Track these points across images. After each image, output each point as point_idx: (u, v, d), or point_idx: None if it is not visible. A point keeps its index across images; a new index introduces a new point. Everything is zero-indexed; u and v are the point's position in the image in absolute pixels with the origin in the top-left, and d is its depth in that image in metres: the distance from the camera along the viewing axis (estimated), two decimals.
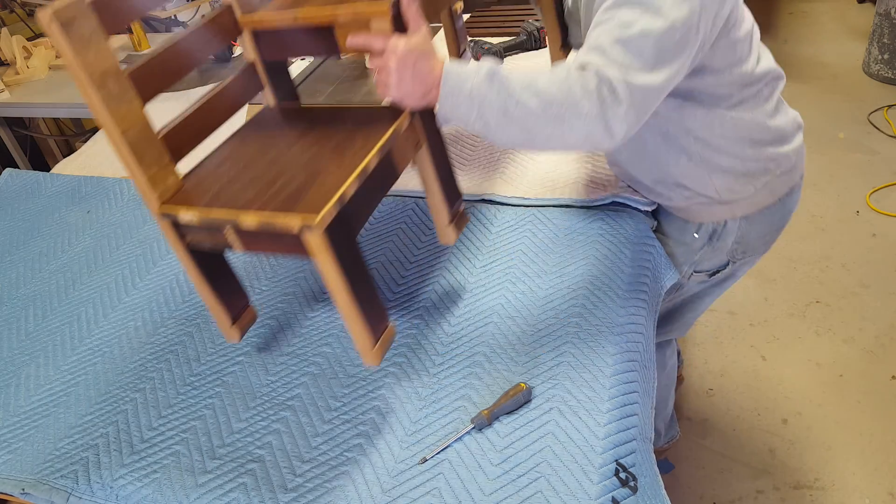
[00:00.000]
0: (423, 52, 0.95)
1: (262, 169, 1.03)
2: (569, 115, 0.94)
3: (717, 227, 1.30)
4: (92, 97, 0.88)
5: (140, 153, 0.94)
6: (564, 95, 0.94)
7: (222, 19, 1.10)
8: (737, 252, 1.34)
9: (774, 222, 1.32)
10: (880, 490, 1.67)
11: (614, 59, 0.96)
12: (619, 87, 0.95)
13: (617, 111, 0.95)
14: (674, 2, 0.97)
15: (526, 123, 0.94)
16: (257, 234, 0.96)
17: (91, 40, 0.87)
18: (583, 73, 0.96)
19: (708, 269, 1.38)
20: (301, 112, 1.19)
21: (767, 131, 1.23)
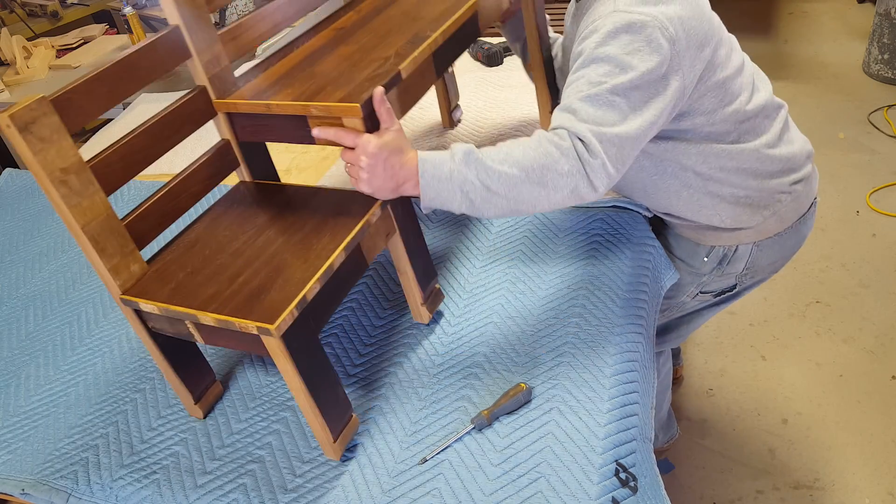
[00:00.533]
0: (395, 149, 0.97)
1: (226, 260, 1.01)
2: (550, 176, 0.96)
3: (728, 251, 1.29)
4: (52, 194, 0.88)
5: (102, 244, 0.94)
6: (542, 158, 0.96)
7: (196, 101, 1.09)
8: (745, 276, 1.33)
9: (787, 248, 1.30)
10: (880, 490, 1.66)
11: (584, 116, 0.98)
12: (592, 140, 0.96)
13: (594, 164, 0.96)
14: (642, 55, 0.97)
15: (510, 193, 0.96)
16: (217, 330, 0.96)
17: (52, 139, 0.86)
18: (555, 134, 0.98)
19: (714, 290, 1.38)
20: (275, 191, 1.17)
21: (771, 162, 1.21)
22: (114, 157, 0.96)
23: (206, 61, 1.08)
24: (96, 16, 3.58)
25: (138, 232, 1.00)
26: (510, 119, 1.87)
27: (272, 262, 0.99)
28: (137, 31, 2.81)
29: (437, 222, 1.53)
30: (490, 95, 2.01)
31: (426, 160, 0.98)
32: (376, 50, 1.14)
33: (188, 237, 1.09)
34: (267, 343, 0.91)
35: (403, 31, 1.18)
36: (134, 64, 0.98)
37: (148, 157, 1.02)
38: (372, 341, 1.26)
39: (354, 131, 0.98)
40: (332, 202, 1.10)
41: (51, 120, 0.86)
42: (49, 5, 3.36)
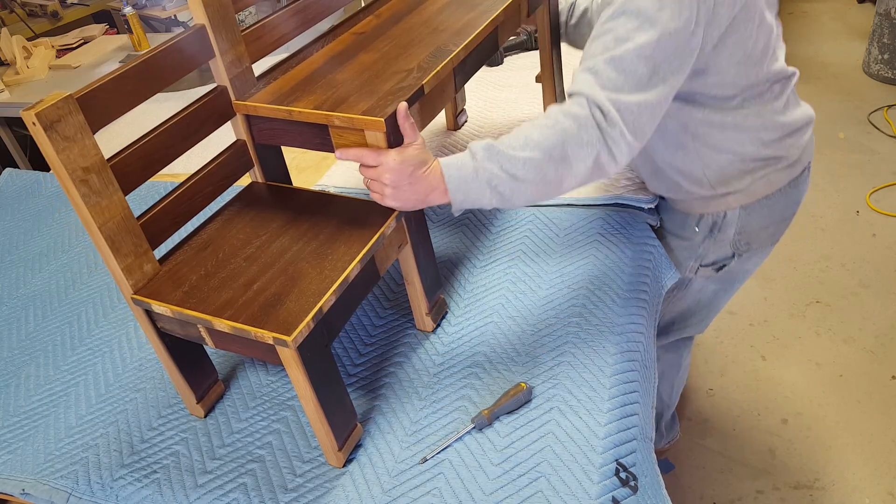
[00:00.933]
0: (418, 162, 0.98)
1: (240, 264, 1.01)
2: (571, 150, 0.95)
3: (717, 218, 1.28)
4: (72, 193, 0.88)
5: (117, 244, 0.94)
6: (561, 135, 0.95)
7: (216, 102, 1.08)
8: (740, 243, 1.31)
9: (776, 213, 1.29)
10: (880, 490, 1.66)
11: (605, 81, 0.96)
12: (611, 110, 0.95)
13: (612, 134, 0.95)
14: (672, 12, 0.95)
15: (536, 177, 0.96)
16: (230, 336, 0.96)
17: (76, 138, 0.86)
18: (574, 102, 0.97)
19: (713, 262, 1.36)
20: (288, 195, 1.16)
21: (774, 129, 1.19)
22: (133, 156, 0.97)
23: (230, 62, 1.08)
24: (96, 16, 3.59)
25: (153, 232, 1.01)
26: (510, 119, 1.87)
27: (287, 270, 0.99)
28: (137, 31, 2.81)
29: (438, 222, 1.53)
30: (490, 95, 2.01)
31: (449, 165, 0.99)
32: (398, 61, 1.14)
33: (201, 238, 1.09)
34: (281, 353, 0.92)
35: (425, 43, 1.18)
36: (158, 63, 0.98)
37: (167, 157, 1.02)
38: (372, 341, 1.26)
39: (376, 150, 0.99)
40: (348, 211, 1.10)
41: (76, 119, 0.86)
42: (49, 5, 3.36)
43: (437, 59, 1.12)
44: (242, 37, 1.10)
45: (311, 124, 1.06)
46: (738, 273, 1.40)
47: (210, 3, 1.02)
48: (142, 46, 2.83)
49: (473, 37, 1.18)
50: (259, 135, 1.14)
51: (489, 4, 1.29)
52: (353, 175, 1.73)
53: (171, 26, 3.43)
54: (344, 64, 1.16)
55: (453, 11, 1.29)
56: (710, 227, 1.30)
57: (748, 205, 1.26)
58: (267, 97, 1.09)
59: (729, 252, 1.33)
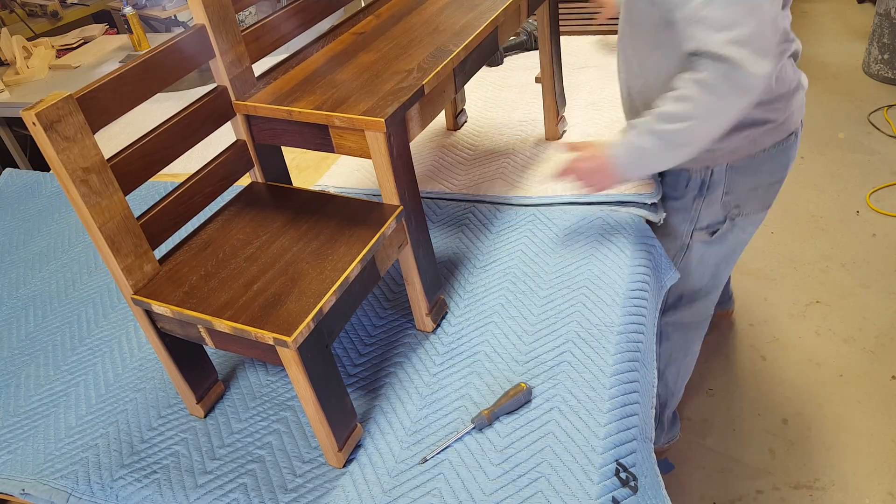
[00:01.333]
0: (599, 167, 1.18)
1: (241, 265, 1.01)
2: (713, 109, 1.04)
3: (705, 176, 1.31)
4: (72, 193, 0.88)
5: (117, 244, 0.94)
6: (697, 103, 1.03)
7: (216, 102, 1.08)
8: (730, 205, 1.33)
9: (763, 175, 1.30)
10: (880, 490, 1.66)
11: (714, 22, 0.98)
12: (731, 55, 0.98)
13: (740, 79, 0.99)
14: None
15: (694, 137, 1.08)
16: (230, 337, 0.96)
17: (76, 138, 0.86)
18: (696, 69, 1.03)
19: (707, 225, 1.37)
20: (288, 195, 1.17)
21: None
22: (133, 156, 0.96)
23: (230, 62, 1.08)
24: (96, 16, 3.59)
25: (153, 232, 1.01)
26: (510, 119, 1.87)
27: (287, 270, 0.99)
28: (137, 31, 2.81)
29: (438, 222, 1.53)
30: (490, 95, 2.01)
31: (618, 155, 1.15)
32: (398, 61, 1.14)
33: (201, 238, 1.09)
34: (282, 353, 0.92)
35: (425, 43, 1.19)
36: (158, 63, 0.98)
37: (167, 157, 1.02)
38: (372, 341, 1.26)
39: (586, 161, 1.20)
40: (347, 211, 1.10)
41: (76, 119, 0.86)
42: (49, 5, 3.36)
43: (437, 60, 1.12)
44: (242, 37, 1.10)
45: (311, 124, 1.06)
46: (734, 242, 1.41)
47: (210, 3, 1.02)
48: (142, 46, 2.83)
49: (473, 37, 1.18)
50: (259, 135, 1.14)
51: (489, 4, 1.29)
52: (353, 175, 1.73)
53: (171, 26, 3.43)
54: (344, 64, 1.16)
55: (453, 11, 1.29)
56: (700, 185, 1.32)
57: (733, 163, 1.27)
58: (267, 97, 1.09)
59: (721, 215, 1.35)
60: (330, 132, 1.05)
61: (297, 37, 1.21)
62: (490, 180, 1.62)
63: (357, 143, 1.04)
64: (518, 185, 1.58)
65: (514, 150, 1.72)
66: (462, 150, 1.77)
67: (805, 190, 2.75)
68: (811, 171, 2.87)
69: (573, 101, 1.89)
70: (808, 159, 2.97)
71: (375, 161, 1.05)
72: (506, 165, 1.66)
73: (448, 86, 1.17)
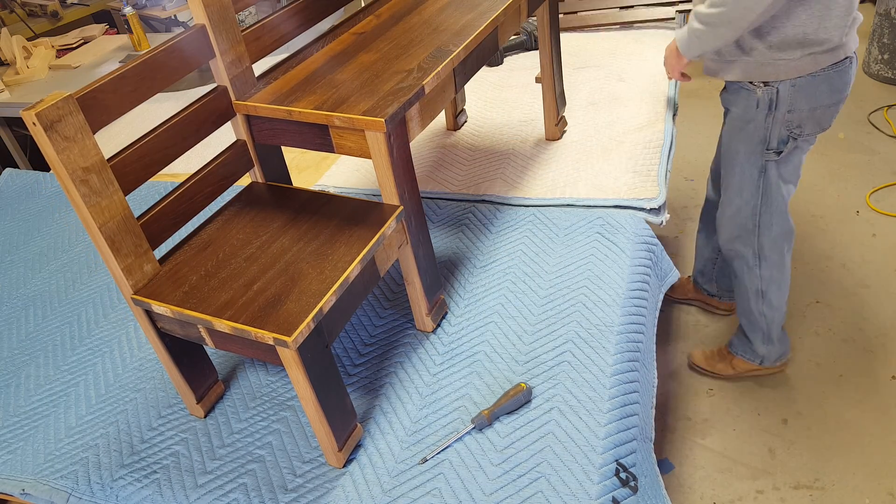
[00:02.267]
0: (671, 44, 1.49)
1: (241, 265, 1.01)
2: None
3: (772, 96, 1.42)
4: (72, 193, 0.88)
5: (117, 244, 0.94)
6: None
7: (217, 102, 1.08)
8: (793, 124, 1.44)
9: (822, 95, 1.41)
10: (880, 490, 1.66)
11: None
12: None
13: None
14: None
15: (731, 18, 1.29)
16: (230, 337, 0.96)
17: (76, 138, 0.86)
18: None
19: (777, 143, 1.48)
20: (288, 195, 1.17)
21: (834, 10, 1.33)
22: (133, 156, 0.96)
23: (230, 62, 1.08)
24: (96, 16, 3.59)
25: (153, 232, 1.01)
26: (510, 119, 1.87)
27: (287, 270, 0.99)
28: (137, 31, 2.81)
29: (438, 222, 1.53)
30: (490, 95, 2.01)
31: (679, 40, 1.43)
32: (398, 61, 1.14)
33: (201, 238, 1.09)
34: (282, 353, 0.92)
35: (425, 43, 1.19)
36: (159, 63, 0.98)
37: (167, 157, 1.02)
38: (372, 341, 1.26)
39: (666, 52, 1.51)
40: (348, 211, 1.10)
41: (76, 119, 0.86)
42: (49, 5, 3.36)
43: (437, 60, 1.12)
44: (242, 37, 1.10)
45: (311, 124, 1.06)
46: (797, 161, 1.53)
47: (210, 3, 1.02)
48: (142, 46, 2.83)
49: (473, 37, 1.18)
50: (259, 135, 1.14)
51: (489, 4, 1.29)
52: (353, 175, 1.73)
53: (171, 26, 3.43)
54: (344, 64, 1.16)
55: (453, 12, 1.29)
56: (768, 104, 1.44)
57: (795, 80, 1.39)
58: (267, 97, 1.09)
59: (785, 134, 1.46)
60: (330, 132, 1.05)
61: (297, 37, 1.21)
62: (490, 180, 1.62)
63: (357, 143, 1.04)
64: (518, 185, 1.58)
65: (514, 150, 1.72)
66: (462, 150, 1.77)
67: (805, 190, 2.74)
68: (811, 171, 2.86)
69: (573, 101, 1.89)
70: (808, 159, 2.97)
71: (375, 161, 1.05)
72: (506, 165, 1.66)
73: (448, 86, 1.17)
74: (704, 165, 2.87)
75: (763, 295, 1.72)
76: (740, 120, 1.51)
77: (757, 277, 1.69)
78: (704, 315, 2.20)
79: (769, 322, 1.78)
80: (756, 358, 1.87)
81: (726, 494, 1.73)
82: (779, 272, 1.69)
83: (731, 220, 1.64)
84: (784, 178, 1.55)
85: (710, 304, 2.13)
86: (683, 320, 2.21)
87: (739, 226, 1.62)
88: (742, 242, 1.65)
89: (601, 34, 2.28)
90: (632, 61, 2.06)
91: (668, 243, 2.50)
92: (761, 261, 1.67)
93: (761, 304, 1.72)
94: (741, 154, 1.53)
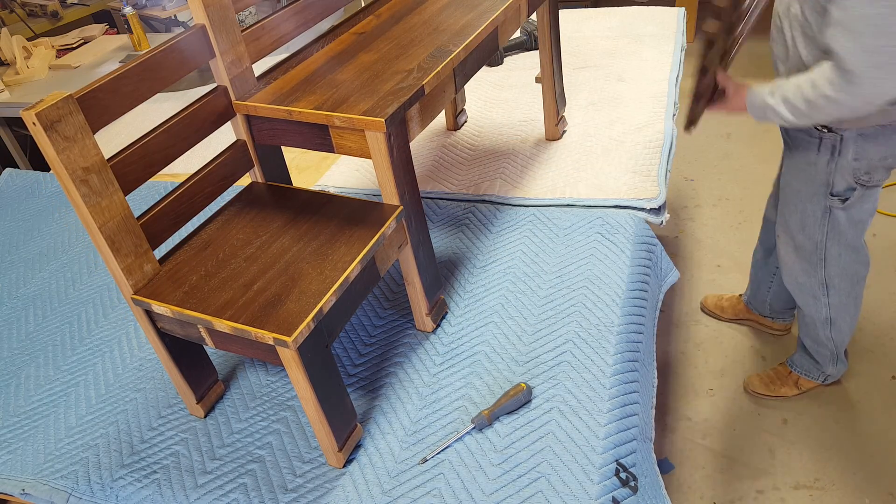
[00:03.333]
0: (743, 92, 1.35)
1: (241, 265, 1.01)
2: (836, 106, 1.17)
3: (836, 143, 1.36)
4: (72, 193, 0.88)
5: (117, 244, 0.94)
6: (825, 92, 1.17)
7: (216, 102, 1.08)
8: (860, 171, 1.37)
9: (893, 145, 1.35)
10: (880, 490, 1.66)
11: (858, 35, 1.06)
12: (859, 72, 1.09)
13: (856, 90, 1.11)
14: None
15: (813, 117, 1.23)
16: (230, 337, 0.96)
17: (76, 138, 0.86)
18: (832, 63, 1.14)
19: (840, 192, 1.41)
20: (288, 195, 1.17)
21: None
22: (133, 156, 0.96)
23: (230, 62, 1.08)
24: (96, 16, 3.59)
25: (153, 232, 1.01)
26: (510, 119, 1.87)
27: (287, 270, 0.99)
28: (137, 31, 2.81)
29: (438, 222, 1.53)
30: (490, 95, 2.01)
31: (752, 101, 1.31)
32: (398, 61, 1.14)
33: (201, 238, 1.09)
34: (282, 353, 0.92)
35: (425, 44, 1.19)
36: (158, 63, 0.98)
37: (167, 157, 1.02)
38: (372, 341, 1.26)
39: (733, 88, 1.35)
40: (348, 211, 1.10)
41: (76, 119, 0.86)
42: (49, 5, 3.36)
43: (437, 60, 1.12)
44: (242, 37, 1.10)
45: (311, 124, 1.06)
46: (870, 207, 1.46)
47: (210, 3, 1.02)
48: (142, 46, 2.83)
49: (473, 37, 1.18)
50: (259, 135, 1.14)
51: (489, 4, 1.29)
52: (353, 175, 1.73)
53: (171, 26, 3.43)
54: (344, 64, 1.16)
55: (453, 12, 1.29)
56: (831, 150, 1.37)
57: (863, 130, 1.33)
58: (267, 97, 1.09)
59: (851, 181, 1.39)
60: (330, 132, 1.06)
61: (297, 37, 1.21)
62: (490, 180, 1.62)
63: (357, 143, 1.04)
64: (518, 185, 1.58)
65: (514, 150, 1.72)
66: (462, 150, 1.77)
67: None
68: None
69: (573, 101, 1.89)
70: None
71: (375, 161, 1.05)
72: (506, 165, 1.66)
73: (448, 86, 1.17)
74: (704, 165, 2.87)
75: (832, 322, 1.65)
76: (801, 161, 1.43)
77: (825, 307, 1.62)
78: (711, 322, 2.20)
79: (838, 345, 1.71)
80: (822, 377, 1.83)
81: (726, 494, 1.73)
82: (848, 298, 1.61)
83: (792, 256, 1.56)
84: (854, 219, 1.46)
85: (764, 324, 2.09)
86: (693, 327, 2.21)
87: (803, 260, 1.55)
88: (807, 275, 1.57)
89: (601, 34, 2.28)
90: (632, 61, 2.06)
91: (668, 243, 2.50)
92: (829, 290, 1.59)
93: (829, 330, 1.67)
94: (803, 193, 1.45)
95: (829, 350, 1.73)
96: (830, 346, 1.72)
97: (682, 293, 2.29)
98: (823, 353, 1.75)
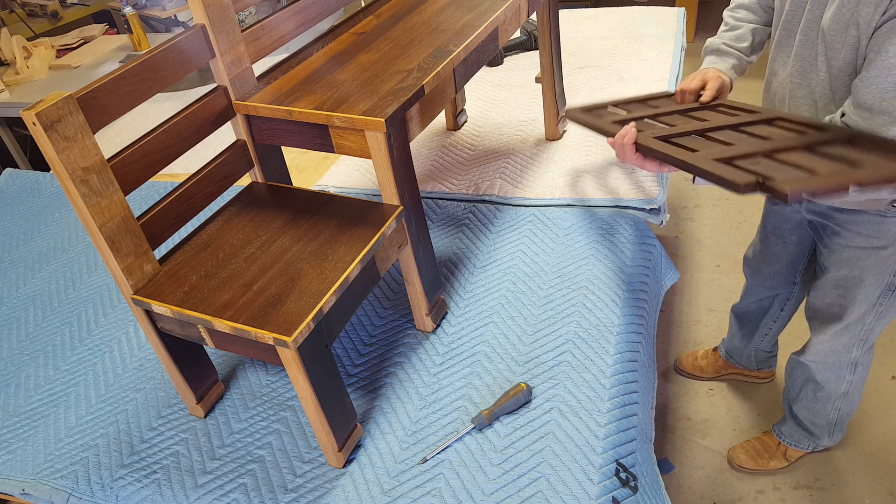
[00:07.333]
0: None
1: (241, 265, 1.01)
2: None
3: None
4: (72, 193, 0.88)
5: (117, 244, 0.94)
6: None
7: (216, 102, 1.08)
8: None
9: None
10: (880, 490, 1.66)
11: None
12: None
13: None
14: None
15: None
16: (230, 337, 0.96)
17: (76, 138, 0.86)
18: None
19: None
20: (288, 195, 1.17)
21: None
22: (133, 156, 0.96)
23: (230, 62, 1.08)
24: (96, 16, 3.59)
25: (153, 232, 1.01)
26: (510, 119, 1.87)
27: (287, 270, 0.99)
28: (137, 31, 2.81)
29: (438, 222, 1.53)
30: (490, 95, 2.01)
31: None
32: (398, 61, 1.14)
33: (201, 238, 1.08)
34: (282, 354, 0.92)
35: (425, 43, 1.19)
36: (158, 63, 0.98)
37: (167, 157, 1.02)
38: (372, 341, 1.26)
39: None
40: (347, 211, 1.10)
41: (76, 119, 0.86)
42: (49, 5, 3.36)
43: (437, 60, 1.12)
44: (242, 37, 1.10)
45: (311, 124, 1.06)
46: None
47: (210, 3, 1.02)
48: (142, 46, 2.83)
49: (473, 37, 1.18)
50: (259, 135, 1.14)
51: (489, 4, 1.29)
52: (353, 175, 1.73)
53: (171, 26, 3.43)
54: (344, 64, 1.16)
55: (453, 12, 1.29)
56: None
57: None
58: (267, 97, 1.09)
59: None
60: (330, 132, 1.06)
61: (297, 37, 1.21)
62: (490, 180, 1.62)
63: (357, 143, 1.04)
64: (518, 185, 1.58)
65: (514, 150, 1.72)
66: (462, 150, 1.77)
67: None
68: None
69: (573, 101, 1.89)
70: None
71: (375, 161, 1.05)
72: (506, 165, 1.66)
73: (448, 86, 1.17)
74: None
75: (846, 396, 1.56)
76: (868, 247, 1.30)
77: (847, 383, 1.54)
78: (699, 318, 2.20)
79: (843, 415, 1.61)
80: (817, 446, 1.72)
81: (726, 494, 1.73)
82: (867, 370, 1.54)
83: (829, 338, 1.46)
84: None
85: (748, 376, 1.99)
86: (680, 322, 2.21)
87: (839, 341, 1.45)
88: (837, 355, 1.48)
89: (601, 34, 2.28)
90: (632, 61, 2.06)
91: (668, 243, 2.50)
92: (857, 367, 1.51)
93: (840, 402, 1.58)
94: (867, 281, 1.33)
95: (829, 421, 1.62)
96: (833, 417, 1.61)
97: (682, 293, 2.29)
98: (821, 423, 1.64)
